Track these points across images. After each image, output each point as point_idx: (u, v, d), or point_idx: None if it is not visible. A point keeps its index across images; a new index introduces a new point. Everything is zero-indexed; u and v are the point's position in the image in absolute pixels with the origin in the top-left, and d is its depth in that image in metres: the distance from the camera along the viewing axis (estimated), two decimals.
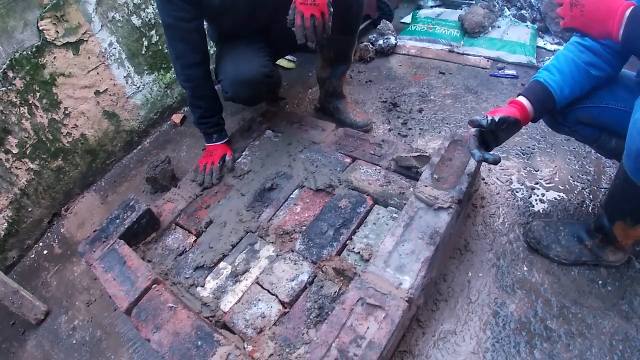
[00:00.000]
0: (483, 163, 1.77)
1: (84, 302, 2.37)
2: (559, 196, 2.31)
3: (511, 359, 1.71)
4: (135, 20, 3.09)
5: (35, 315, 2.30)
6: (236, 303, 1.89)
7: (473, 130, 1.70)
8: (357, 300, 1.57)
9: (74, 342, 2.19)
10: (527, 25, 3.75)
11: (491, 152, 1.66)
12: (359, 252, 1.94)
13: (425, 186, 1.91)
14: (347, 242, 2.02)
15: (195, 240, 2.25)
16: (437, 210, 1.83)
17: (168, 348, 1.65)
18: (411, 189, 2.02)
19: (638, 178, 1.46)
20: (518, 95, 1.79)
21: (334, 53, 2.72)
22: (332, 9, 2.06)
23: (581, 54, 1.71)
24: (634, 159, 1.42)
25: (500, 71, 3.36)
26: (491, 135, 1.75)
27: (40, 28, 2.55)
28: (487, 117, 1.65)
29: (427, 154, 2.16)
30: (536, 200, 2.31)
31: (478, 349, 1.76)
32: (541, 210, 2.26)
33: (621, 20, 1.31)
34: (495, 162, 1.63)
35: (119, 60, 3.07)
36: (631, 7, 1.30)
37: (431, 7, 4.46)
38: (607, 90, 1.75)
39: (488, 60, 3.53)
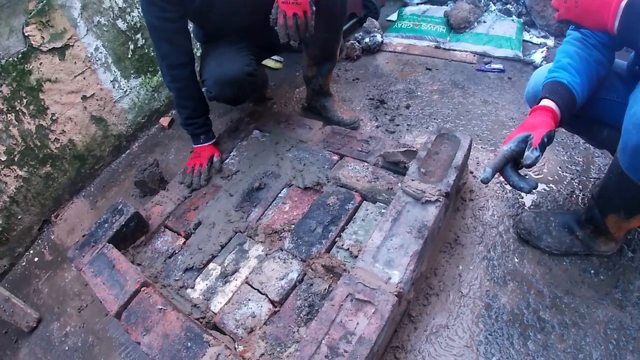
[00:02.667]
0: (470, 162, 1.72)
1: (75, 308, 2.36)
2: (548, 187, 2.32)
3: (505, 351, 1.71)
4: (120, 24, 3.08)
5: (27, 323, 2.31)
6: (226, 304, 1.89)
7: (506, 148, 1.52)
8: (346, 296, 1.57)
9: (67, 348, 2.19)
10: (512, 20, 3.76)
11: (526, 179, 1.53)
12: (348, 249, 1.94)
13: (413, 180, 1.91)
14: (336, 239, 2.01)
15: (184, 242, 2.25)
16: (424, 204, 1.82)
17: (158, 350, 1.65)
18: (399, 184, 2.01)
19: (633, 173, 1.46)
20: (542, 99, 1.64)
21: (319, 51, 2.72)
22: (314, 8, 2.06)
23: (591, 52, 1.68)
24: (630, 154, 1.42)
25: (486, 65, 3.37)
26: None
27: (26, 34, 2.55)
28: (533, 150, 1.45)
29: (414, 149, 2.16)
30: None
31: (471, 342, 1.76)
32: (530, 202, 2.27)
33: (616, 11, 1.29)
34: (528, 190, 1.52)
35: (106, 65, 3.06)
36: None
37: (417, 4, 4.46)
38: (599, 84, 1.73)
39: (474, 55, 3.54)
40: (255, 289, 1.90)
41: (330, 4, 2.36)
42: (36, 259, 2.78)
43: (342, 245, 1.97)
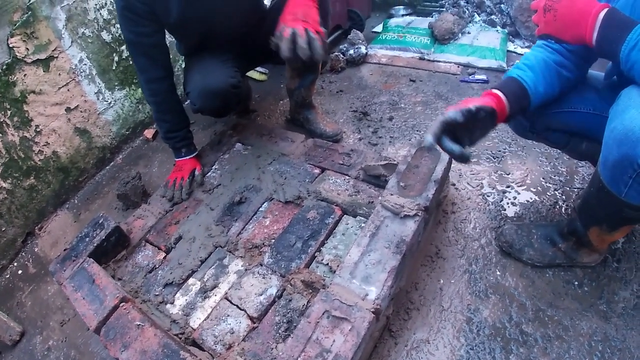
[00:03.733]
0: (452, 168, 1.72)
1: (58, 322, 2.35)
2: (531, 198, 2.33)
3: None
4: (105, 35, 3.08)
5: (10, 337, 2.29)
6: (205, 319, 1.88)
7: (441, 117, 1.54)
8: (323, 313, 1.57)
9: None
10: (497, 30, 3.81)
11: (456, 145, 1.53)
12: (327, 264, 1.94)
13: (391, 194, 1.91)
14: (315, 254, 2.01)
15: (164, 257, 2.24)
16: (403, 219, 1.82)
17: None
18: (379, 198, 2.01)
19: (614, 187, 1.46)
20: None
21: (302, 62, 2.69)
22: (325, 29, 2.08)
23: (551, 55, 1.70)
24: (610, 169, 1.42)
25: (470, 76, 3.40)
26: (465, 132, 1.59)
27: (11, 45, 2.54)
28: (462, 109, 1.51)
29: (395, 162, 2.16)
30: (508, 203, 2.33)
31: (452, 356, 1.76)
32: (513, 214, 2.27)
33: (594, 24, 1.31)
34: (459, 154, 1.52)
35: (90, 77, 3.06)
36: (605, 10, 1.30)
37: (402, 15, 4.51)
38: (575, 93, 1.74)
39: (458, 66, 3.57)
40: (235, 305, 1.89)
41: None
42: (20, 272, 2.75)
43: (322, 260, 1.97)
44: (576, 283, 1.91)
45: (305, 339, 1.52)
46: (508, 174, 2.47)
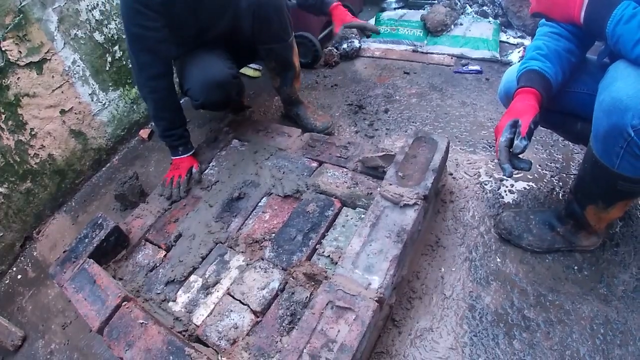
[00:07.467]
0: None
1: (59, 325, 2.35)
2: (528, 185, 2.34)
3: (490, 352, 1.72)
4: (98, 36, 3.09)
5: (12, 342, 2.30)
6: (208, 316, 1.89)
7: (502, 140, 1.57)
8: (327, 304, 1.58)
9: None
10: (489, 21, 3.81)
11: (522, 159, 1.56)
12: (329, 256, 1.95)
13: (390, 185, 1.93)
14: (316, 247, 2.02)
15: (165, 255, 2.26)
16: (403, 208, 1.84)
17: None
18: (378, 189, 2.03)
19: (607, 160, 1.48)
20: (520, 87, 1.69)
21: (274, 62, 2.77)
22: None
23: (559, 42, 1.71)
24: (602, 140, 1.44)
25: (464, 67, 3.41)
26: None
27: (3, 49, 2.55)
28: (527, 133, 1.51)
29: (392, 153, 2.17)
30: (505, 191, 2.33)
31: (456, 344, 1.77)
32: (511, 201, 2.28)
33: (582, 2, 1.35)
34: (528, 168, 1.57)
35: (83, 78, 3.07)
36: None
37: (394, 8, 4.50)
38: (571, 76, 1.76)
39: (452, 58, 3.59)
40: (237, 300, 1.90)
41: (265, 16, 2.44)
42: (19, 277, 2.76)
43: (323, 252, 1.98)
44: (576, 267, 1.92)
45: (310, 330, 1.53)
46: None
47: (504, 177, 2.37)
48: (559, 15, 1.45)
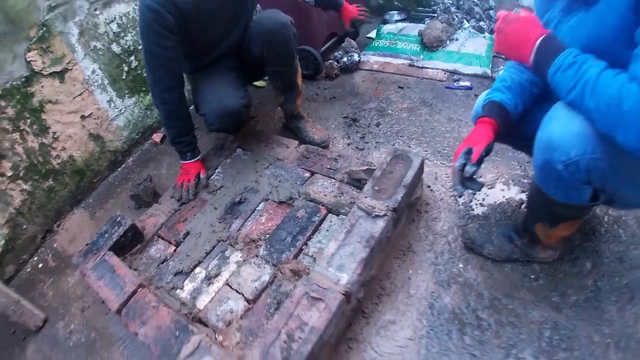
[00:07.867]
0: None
1: (79, 309, 2.50)
2: (498, 199, 2.46)
3: (444, 345, 1.88)
4: (115, 48, 3.27)
5: (34, 322, 2.44)
6: (209, 302, 2.11)
7: (457, 165, 1.70)
8: (303, 295, 1.80)
9: (71, 344, 2.34)
10: (484, 37, 3.91)
11: (474, 180, 1.71)
12: (312, 256, 2.18)
13: (366, 197, 2.12)
14: (302, 247, 2.23)
15: (174, 250, 2.45)
16: (374, 218, 2.04)
17: (152, 339, 1.89)
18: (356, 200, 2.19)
19: (544, 187, 1.64)
20: (481, 117, 1.84)
21: (280, 82, 2.97)
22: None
23: (523, 75, 1.83)
24: (539, 171, 1.59)
25: (455, 83, 3.51)
26: None
27: (28, 59, 2.72)
28: (477, 160, 1.67)
29: (374, 167, 2.34)
30: (477, 204, 2.46)
31: (414, 335, 1.94)
32: (480, 213, 2.41)
33: (532, 49, 1.44)
34: (479, 189, 1.72)
35: (102, 86, 3.26)
36: (542, 37, 1.43)
37: (396, 21, 4.60)
38: (534, 104, 1.88)
39: (445, 73, 3.67)
40: (234, 289, 2.12)
41: (276, 46, 2.67)
42: (40, 265, 2.90)
43: (308, 252, 2.21)
44: (532, 276, 2.05)
45: (289, 314, 1.75)
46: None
47: (477, 192, 2.49)
48: (514, 57, 1.56)
